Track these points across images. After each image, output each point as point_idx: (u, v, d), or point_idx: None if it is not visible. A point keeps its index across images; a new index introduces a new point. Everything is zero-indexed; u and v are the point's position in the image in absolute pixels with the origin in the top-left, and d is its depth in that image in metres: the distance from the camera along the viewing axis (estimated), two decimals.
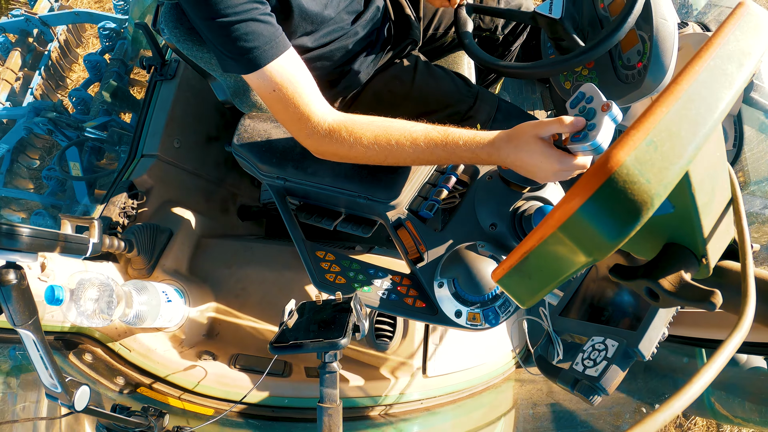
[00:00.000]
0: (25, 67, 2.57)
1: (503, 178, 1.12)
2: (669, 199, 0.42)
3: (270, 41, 0.98)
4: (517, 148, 0.94)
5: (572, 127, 0.89)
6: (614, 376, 0.61)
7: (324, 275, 1.16)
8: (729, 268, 0.53)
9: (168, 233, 1.53)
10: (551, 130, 0.92)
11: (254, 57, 0.98)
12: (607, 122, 0.87)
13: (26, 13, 2.54)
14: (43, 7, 2.71)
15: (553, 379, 0.68)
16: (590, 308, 0.73)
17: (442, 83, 1.43)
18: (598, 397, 0.61)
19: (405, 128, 1.02)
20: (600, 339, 0.65)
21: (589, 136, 0.88)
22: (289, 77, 1.01)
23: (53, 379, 0.89)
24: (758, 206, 1.65)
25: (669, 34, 1.16)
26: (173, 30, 1.10)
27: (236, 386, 1.31)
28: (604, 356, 0.62)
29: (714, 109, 0.38)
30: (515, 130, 0.95)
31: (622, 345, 0.62)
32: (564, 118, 0.90)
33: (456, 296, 1.05)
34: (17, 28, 2.59)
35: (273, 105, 1.04)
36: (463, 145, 0.98)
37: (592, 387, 0.61)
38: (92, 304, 1.08)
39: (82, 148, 2.23)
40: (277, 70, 1.00)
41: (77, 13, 2.56)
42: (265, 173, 1.20)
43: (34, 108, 2.19)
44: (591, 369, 0.62)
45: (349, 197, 1.17)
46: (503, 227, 1.10)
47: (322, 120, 1.03)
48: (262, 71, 0.99)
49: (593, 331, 0.67)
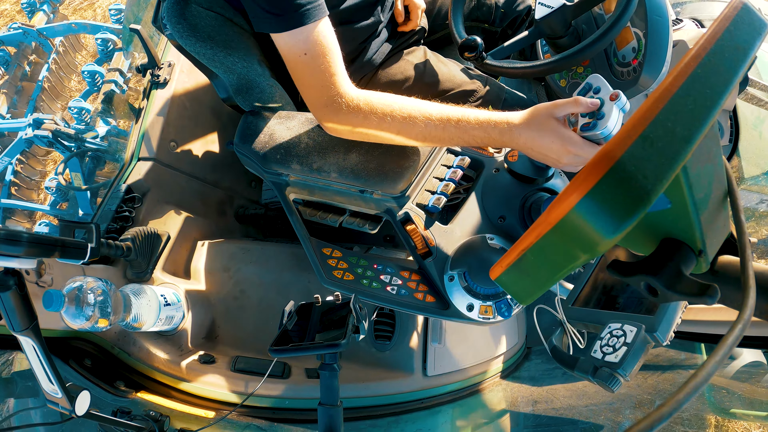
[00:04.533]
0: (25, 80, 2.58)
1: (510, 170, 1.12)
2: (665, 195, 0.42)
3: (314, 2, 0.98)
4: (531, 127, 0.94)
5: (587, 107, 0.90)
6: (635, 360, 0.60)
7: (331, 272, 1.15)
8: (726, 263, 0.53)
9: (165, 236, 1.53)
10: (567, 110, 0.92)
11: (297, 15, 0.97)
12: (616, 111, 0.88)
13: (24, 26, 2.55)
14: (40, 19, 2.72)
15: (571, 369, 0.68)
16: (603, 296, 0.73)
17: (452, 68, 1.46)
18: (619, 384, 0.61)
19: (419, 104, 1.02)
20: (618, 325, 0.64)
21: (599, 125, 0.88)
22: (323, 43, 1.01)
23: (54, 384, 0.89)
24: (754, 201, 1.65)
25: (664, 31, 1.17)
26: (176, 25, 1.09)
27: (236, 389, 1.31)
28: (624, 342, 0.62)
29: (709, 105, 0.38)
30: (531, 110, 0.95)
31: (640, 329, 0.61)
32: (579, 99, 0.90)
33: (467, 290, 1.04)
34: (15, 41, 2.60)
35: (300, 69, 1.03)
36: (476, 124, 0.98)
37: (612, 374, 0.61)
38: (91, 308, 1.08)
39: (83, 159, 2.24)
40: (315, 33, 0.99)
41: (74, 24, 2.57)
42: (268, 170, 1.19)
43: (34, 120, 2.20)
44: (611, 355, 0.62)
45: (355, 192, 1.15)
46: (512, 219, 1.10)
47: (344, 91, 1.02)
48: (300, 30, 0.98)
49: (609, 318, 0.67)
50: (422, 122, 1.00)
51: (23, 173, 2.47)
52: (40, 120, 2.17)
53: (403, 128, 1.02)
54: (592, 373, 0.63)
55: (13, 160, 2.39)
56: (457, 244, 1.10)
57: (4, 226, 2.14)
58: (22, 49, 2.60)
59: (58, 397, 0.91)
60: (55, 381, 0.89)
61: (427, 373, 1.37)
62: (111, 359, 1.36)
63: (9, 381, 1.42)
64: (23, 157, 2.46)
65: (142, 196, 1.61)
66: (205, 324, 1.48)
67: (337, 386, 0.81)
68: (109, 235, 1.47)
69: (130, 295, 1.22)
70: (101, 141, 2.23)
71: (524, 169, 1.10)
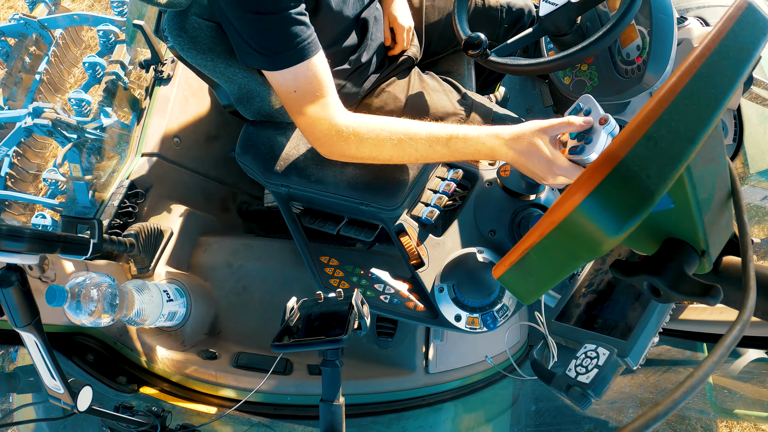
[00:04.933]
0: (25, 71, 2.57)
1: (502, 185, 1.14)
2: (669, 195, 0.42)
3: (303, 41, 0.97)
4: (520, 145, 0.94)
5: (579, 128, 0.90)
6: (604, 384, 0.62)
7: (328, 280, 1.19)
8: (729, 263, 0.53)
9: (168, 232, 1.53)
10: (558, 130, 0.92)
11: (286, 56, 0.97)
12: (604, 136, 0.89)
13: (25, 17, 2.54)
14: (42, 10, 2.71)
15: (547, 383, 0.69)
16: (585, 315, 0.74)
17: (435, 97, 1.42)
18: (589, 404, 0.63)
19: (409, 127, 1.02)
20: (593, 347, 0.66)
21: (586, 150, 0.89)
22: (313, 80, 1.01)
23: (56, 380, 0.90)
24: (758, 197, 1.65)
25: (668, 29, 1.16)
26: (177, 38, 1.10)
27: (238, 385, 1.31)
28: (596, 364, 0.63)
29: (713, 104, 0.38)
30: (521, 127, 0.95)
31: (612, 354, 0.63)
32: (572, 120, 0.90)
33: (456, 301, 1.07)
34: (16, 32, 2.59)
35: (291, 104, 1.04)
36: (465, 142, 0.99)
37: (583, 393, 0.62)
38: (93, 304, 1.08)
39: (83, 150, 2.23)
40: (304, 71, 0.99)
41: (76, 16, 2.56)
42: (269, 180, 1.22)
43: (34, 109, 2.19)
44: (583, 376, 0.64)
45: (352, 204, 1.19)
46: (502, 233, 1.13)
47: (337, 122, 1.03)
48: (289, 70, 0.98)
49: (587, 337, 0.69)
50: (414, 144, 1.01)
51: (20, 165, 2.46)
52: (40, 109, 2.16)
53: (396, 152, 1.03)
54: (565, 390, 0.66)
55: (11, 151, 2.38)
56: (449, 256, 1.13)
57: (2, 220, 2.14)
58: (22, 41, 2.59)
59: (60, 393, 0.91)
60: (58, 376, 0.89)
61: (429, 371, 1.37)
62: (113, 355, 1.36)
63: (11, 376, 1.42)
64: (20, 148, 2.44)
65: (145, 191, 1.61)
66: (207, 320, 1.48)
67: (338, 383, 0.81)
68: (113, 231, 1.47)
69: (132, 290, 1.22)
70: (102, 132, 2.22)
71: (515, 185, 1.12)
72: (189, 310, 1.42)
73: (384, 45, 1.42)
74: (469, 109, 1.43)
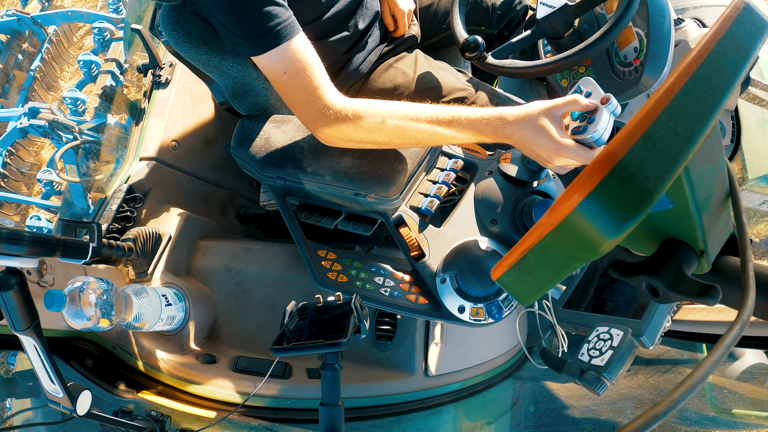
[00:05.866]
0: (18, 68, 2.55)
1: (503, 173, 1.12)
2: (667, 195, 0.42)
3: (284, 22, 0.99)
4: (525, 125, 0.93)
5: (585, 107, 0.90)
6: (620, 364, 0.61)
7: (325, 274, 1.16)
8: (728, 263, 0.53)
9: (167, 236, 1.53)
10: (564, 109, 0.92)
11: (269, 37, 0.98)
12: (606, 115, 0.88)
13: (18, 13, 2.51)
14: (35, 6, 2.67)
15: (558, 371, 0.68)
16: (594, 300, 0.73)
17: (443, 75, 1.44)
18: (605, 387, 0.61)
19: (409, 108, 1.02)
20: (605, 329, 0.65)
21: (589, 129, 0.89)
22: (301, 59, 1.01)
23: (55, 384, 0.89)
24: (756, 202, 1.65)
25: (665, 31, 1.17)
26: (171, 32, 1.10)
27: (238, 389, 1.31)
28: (610, 345, 0.62)
29: (711, 105, 0.38)
30: (526, 107, 0.95)
31: (626, 334, 0.62)
32: (578, 98, 0.90)
33: (459, 292, 1.05)
34: (9, 29, 2.55)
35: (283, 88, 1.04)
36: (467, 123, 0.98)
37: (598, 377, 0.61)
38: (92, 309, 1.08)
39: (78, 150, 2.21)
40: (291, 51, 1.00)
41: (71, 12, 2.54)
42: (265, 174, 1.20)
43: (30, 109, 2.17)
44: (597, 359, 0.62)
45: (350, 195, 1.17)
46: (504, 222, 1.10)
47: (331, 103, 1.03)
48: (276, 51, 0.99)
49: (597, 321, 0.68)
50: (413, 126, 1.01)
51: (12, 165, 2.44)
52: (36, 109, 2.15)
53: (395, 134, 1.02)
54: (578, 376, 0.64)
55: (4, 152, 2.36)
56: (450, 246, 1.11)
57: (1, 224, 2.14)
58: (15, 37, 2.56)
59: (59, 397, 0.91)
60: (57, 381, 0.89)
61: (428, 373, 1.37)
62: (112, 359, 1.36)
63: (10, 381, 1.42)
64: (13, 147, 2.42)
65: (143, 196, 1.61)
66: (206, 324, 1.48)
67: (338, 386, 0.81)
68: (111, 235, 1.47)
69: (131, 295, 1.22)
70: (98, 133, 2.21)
71: (517, 173, 1.10)
72: (188, 315, 1.42)
73: (383, 20, 1.44)
74: (476, 87, 1.44)
